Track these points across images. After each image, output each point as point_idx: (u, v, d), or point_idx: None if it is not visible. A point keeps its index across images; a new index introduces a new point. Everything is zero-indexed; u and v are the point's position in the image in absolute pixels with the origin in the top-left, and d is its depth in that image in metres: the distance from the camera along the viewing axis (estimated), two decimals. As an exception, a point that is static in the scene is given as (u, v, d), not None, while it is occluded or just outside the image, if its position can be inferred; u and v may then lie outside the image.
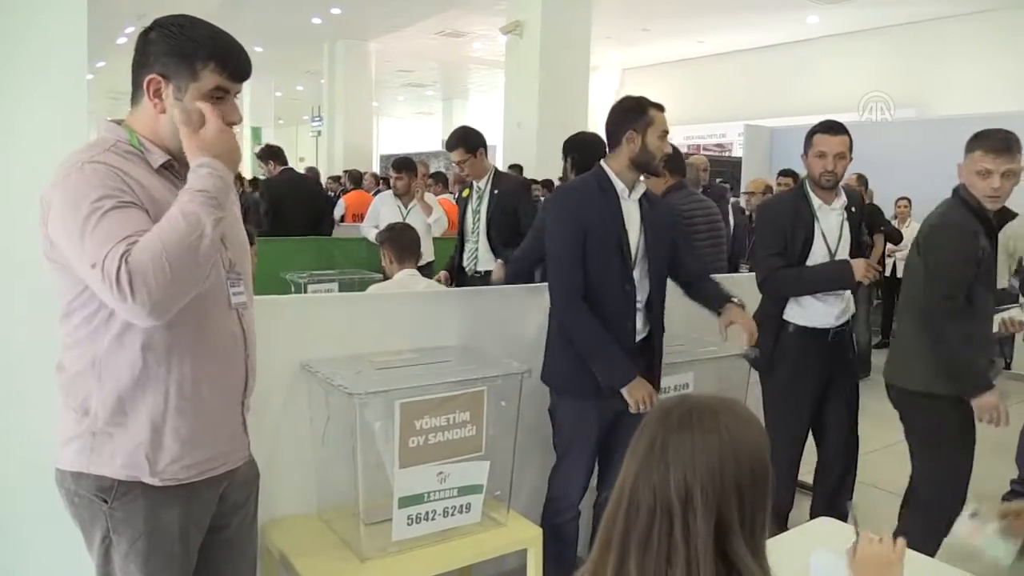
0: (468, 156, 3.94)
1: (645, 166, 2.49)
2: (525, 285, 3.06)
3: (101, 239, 1.32)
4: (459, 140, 3.96)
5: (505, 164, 9.32)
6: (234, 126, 1.53)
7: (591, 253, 2.42)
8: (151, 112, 1.48)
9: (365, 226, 6.04)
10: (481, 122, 4.60)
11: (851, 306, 3.07)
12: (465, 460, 2.23)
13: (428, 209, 5.76)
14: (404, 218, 5.23)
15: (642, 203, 2.55)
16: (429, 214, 5.70)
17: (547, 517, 2.61)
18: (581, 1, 9.70)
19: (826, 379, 3.02)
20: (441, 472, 2.19)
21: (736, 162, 9.75)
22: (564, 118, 8.92)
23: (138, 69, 1.48)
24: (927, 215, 2.73)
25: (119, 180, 1.39)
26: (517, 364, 2.37)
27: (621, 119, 2.50)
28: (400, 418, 2.09)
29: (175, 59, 1.45)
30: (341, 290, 4.46)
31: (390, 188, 5.83)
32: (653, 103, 2.51)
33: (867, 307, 6.77)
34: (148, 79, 1.46)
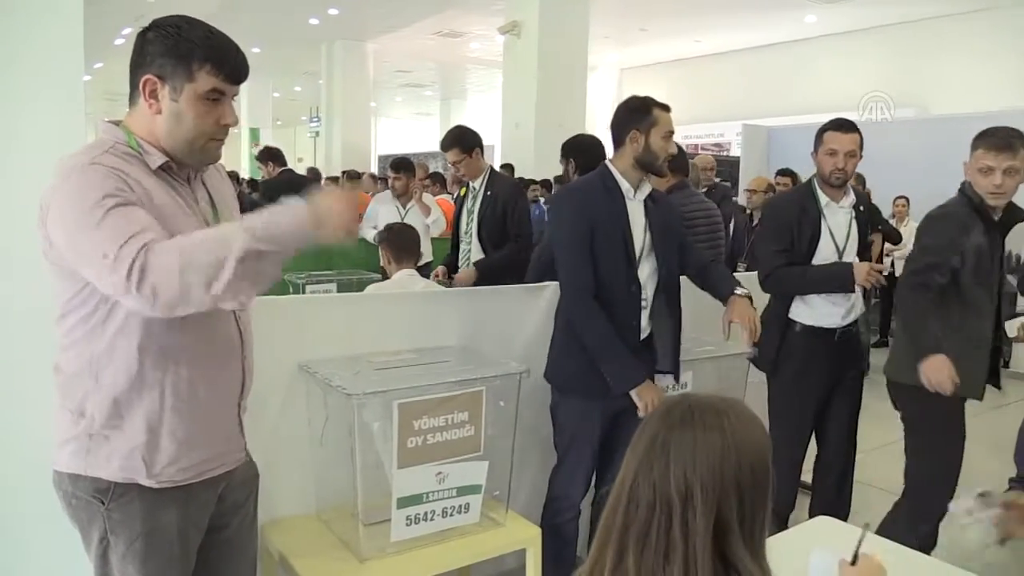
0: (463, 156, 3.87)
1: (649, 166, 2.48)
2: (523, 285, 3.05)
3: (113, 232, 1.31)
4: (454, 140, 3.90)
5: (504, 164, 9.32)
6: (230, 128, 1.53)
7: (597, 251, 2.42)
8: (148, 113, 1.48)
9: (363, 226, 6.04)
10: (479, 122, 4.54)
11: (859, 305, 3.04)
12: (464, 460, 2.23)
13: (426, 210, 5.76)
14: (402, 219, 5.22)
15: (648, 203, 2.54)
16: (428, 215, 5.71)
17: (547, 517, 2.61)
18: (579, 1, 9.70)
19: (832, 380, 3.00)
20: (440, 472, 2.18)
21: (734, 162, 9.74)
22: (562, 118, 8.93)
23: (135, 70, 1.48)
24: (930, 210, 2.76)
25: (120, 180, 1.39)
26: (516, 364, 2.37)
27: (626, 119, 2.49)
28: (398, 418, 2.09)
29: (171, 60, 1.44)
30: (339, 290, 4.45)
31: (388, 188, 5.83)
32: (659, 103, 2.50)
33: (865, 306, 6.76)
34: (144, 80, 1.46)
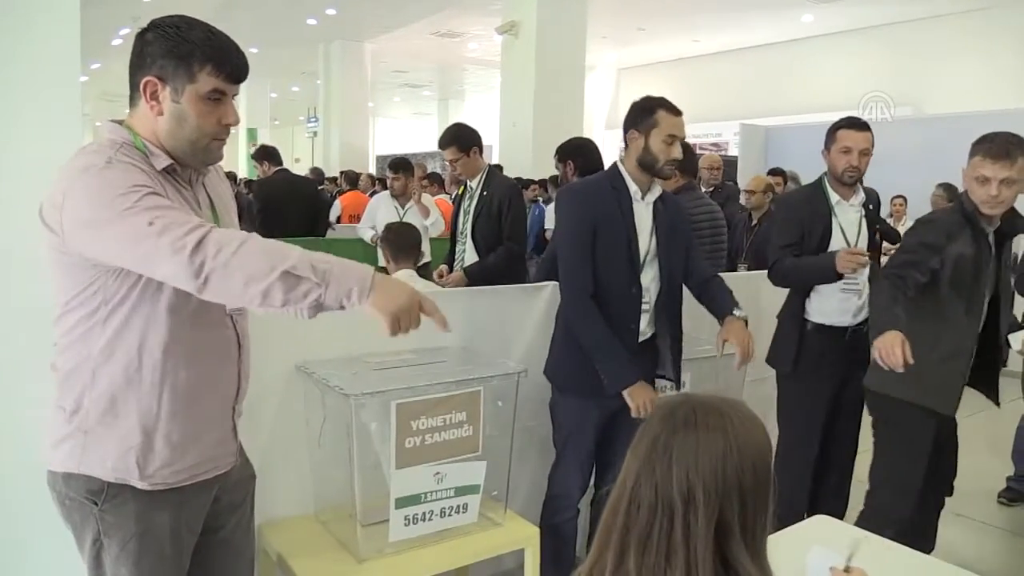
0: (461, 155, 3.81)
1: (649, 168, 2.45)
2: (521, 285, 3.05)
3: (158, 210, 1.32)
4: (452, 138, 3.83)
5: (502, 164, 9.32)
6: (231, 128, 1.53)
7: (599, 252, 2.40)
8: (149, 115, 1.47)
9: (362, 227, 6.04)
10: (478, 122, 4.49)
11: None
12: (462, 460, 2.23)
13: (425, 211, 5.74)
14: (401, 219, 5.21)
15: (657, 205, 2.52)
16: (427, 216, 5.69)
17: (546, 516, 2.61)
18: (576, 1, 9.71)
19: (841, 378, 2.97)
20: (438, 473, 2.18)
21: (732, 161, 9.75)
22: (560, 118, 8.94)
23: (135, 71, 1.46)
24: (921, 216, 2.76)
25: (143, 174, 1.39)
26: (514, 364, 2.37)
27: (630, 118, 2.48)
28: (396, 419, 2.08)
29: (172, 61, 1.43)
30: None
31: (386, 189, 5.81)
32: (668, 106, 2.46)
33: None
34: (145, 81, 1.44)
